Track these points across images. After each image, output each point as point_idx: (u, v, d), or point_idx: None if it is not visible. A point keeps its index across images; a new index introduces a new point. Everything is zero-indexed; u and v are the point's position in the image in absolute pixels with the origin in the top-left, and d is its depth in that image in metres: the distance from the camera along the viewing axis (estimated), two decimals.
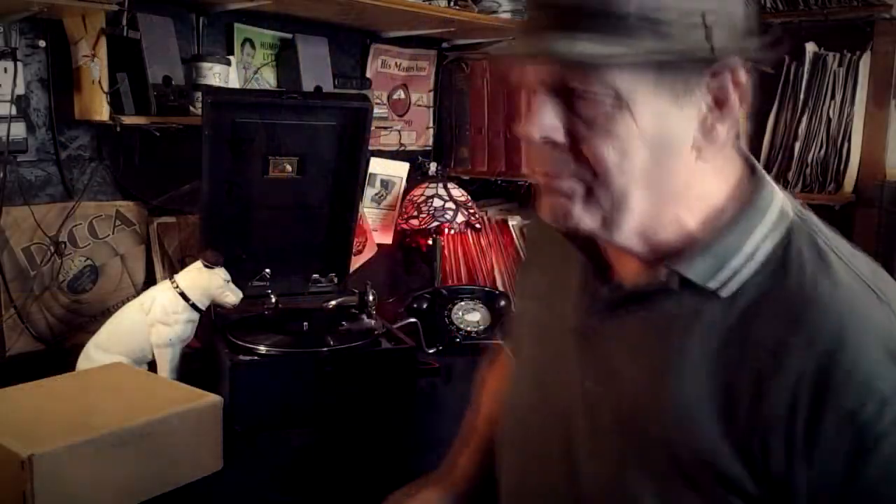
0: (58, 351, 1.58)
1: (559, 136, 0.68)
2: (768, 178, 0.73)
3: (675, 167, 0.69)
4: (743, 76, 0.67)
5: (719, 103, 0.68)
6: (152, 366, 1.44)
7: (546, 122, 0.68)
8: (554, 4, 0.66)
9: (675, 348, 0.69)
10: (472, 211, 2.17)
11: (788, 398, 0.62)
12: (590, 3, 0.64)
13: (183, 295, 1.42)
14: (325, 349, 1.39)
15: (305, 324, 1.51)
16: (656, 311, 0.72)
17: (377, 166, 2.21)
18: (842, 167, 1.78)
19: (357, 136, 1.64)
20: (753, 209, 0.70)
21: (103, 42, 1.50)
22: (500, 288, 2.21)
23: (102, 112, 1.53)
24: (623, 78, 0.64)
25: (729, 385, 0.66)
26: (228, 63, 1.73)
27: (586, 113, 0.66)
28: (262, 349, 1.38)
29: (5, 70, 1.45)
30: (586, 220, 0.70)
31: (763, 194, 0.71)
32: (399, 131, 2.27)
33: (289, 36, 1.92)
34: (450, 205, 2.13)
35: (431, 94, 2.39)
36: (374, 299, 1.58)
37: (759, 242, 0.69)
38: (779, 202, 0.71)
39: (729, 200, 0.71)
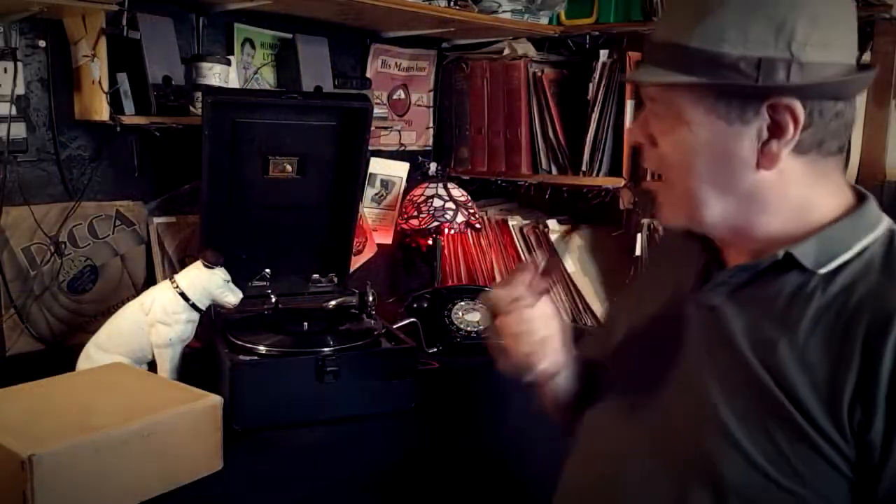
0: (58, 351, 1.58)
1: (642, 140, 0.92)
2: (875, 204, 0.90)
3: (739, 178, 0.86)
4: (800, 111, 0.82)
5: (777, 130, 0.83)
6: (152, 366, 1.44)
7: (636, 129, 0.93)
8: (652, 43, 0.88)
9: (781, 318, 0.84)
10: (472, 211, 2.17)
11: (888, 372, 0.76)
12: (666, 40, 0.85)
13: (183, 295, 1.42)
14: (325, 349, 1.39)
15: (305, 324, 1.51)
16: (767, 288, 0.87)
17: (377, 166, 2.21)
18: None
19: (357, 136, 1.64)
20: (864, 221, 0.87)
21: (103, 42, 1.50)
22: None
23: (102, 112, 1.53)
24: (685, 101, 0.85)
25: (822, 351, 0.80)
26: (228, 63, 1.73)
27: (657, 126, 0.89)
28: (262, 349, 1.38)
29: (5, 70, 1.45)
30: (669, 215, 0.93)
31: (869, 211, 0.88)
32: (399, 131, 2.26)
33: (289, 36, 1.92)
34: (450, 205, 2.13)
35: (431, 94, 2.39)
36: (374, 299, 1.58)
37: (869, 244, 0.85)
38: (887, 222, 0.88)
39: (842, 213, 0.88)
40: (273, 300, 1.56)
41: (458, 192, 2.17)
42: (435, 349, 1.78)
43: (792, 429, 0.80)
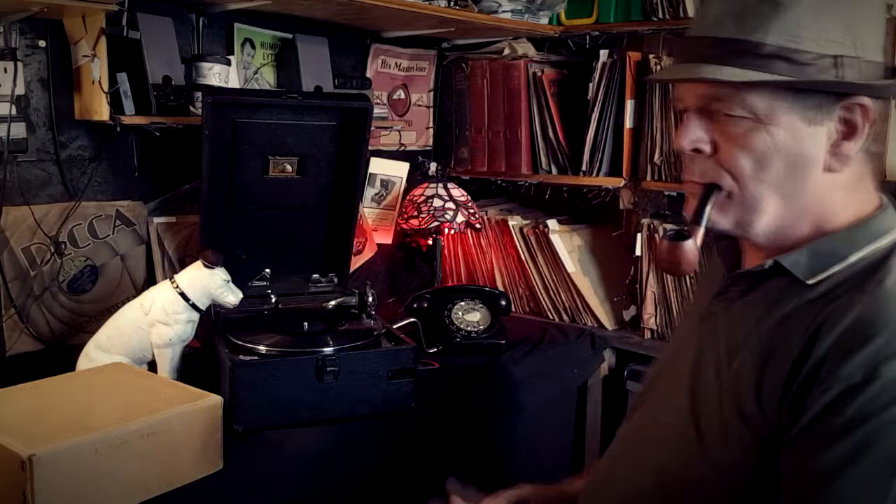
0: (58, 351, 1.58)
1: (706, 147, 0.86)
2: (892, 211, 0.88)
3: (808, 181, 0.84)
4: (872, 110, 0.82)
5: (849, 130, 0.83)
6: (152, 366, 1.44)
7: (695, 135, 0.86)
8: (710, 40, 0.83)
9: (755, 322, 0.84)
10: (472, 211, 2.17)
11: (818, 356, 0.75)
12: (737, 40, 0.81)
13: (183, 295, 1.42)
14: (325, 349, 1.39)
15: (305, 324, 1.51)
16: (755, 295, 0.88)
17: (377, 166, 2.21)
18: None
19: (357, 136, 1.64)
20: (867, 231, 0.85)
21: (103, 42, 1.50)
22: (500, 288, 2.22)
23: (102, 112, 1.53)
24: (762, 101, 0.81)
25: (776, 345, 0.80)
26: (228, 63, 1.73)
27: (729, 130, 0.84)
28: (262, 349, 1.38)
29: (5, 70, 1.45)
30: (721, 220, 0.87)
31: (883, 221, 0.86)
32: (399, 131, 2.26)
33: (289, 36, 1.92)
34: (450, 205, 2.13)
35: (431, 94, 2.39)
36: (373, 299, 1.58)
37: (867, 254, 0.83)
38: None
39: (853, 223, 0.86)
40: (273, 300, 1.56)
41: (458, 192, 2.17)
42: (435, 349, 1.78)
43: (743, 431, 0.81)
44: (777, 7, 0.80)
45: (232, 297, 1.45)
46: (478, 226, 2.22)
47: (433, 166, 2.30)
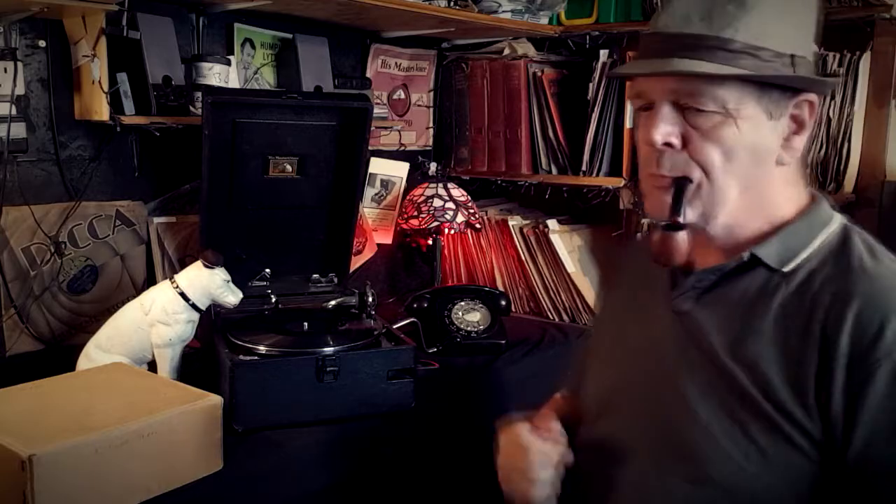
0: (58, 351, 1.58)
1: (677, 140, 0.88)
2: (827, 204, 0.95)
3: (765, 173, 0.90)
4: (817, 105, 0.89)
5: (798, 125, 0.90)
6: (152, 366, 1.44)
7: (667, 129, 0.88)
8: (679, 36, 0.86)
9: (748, 315, 0.89)
10: (472, 211, 2.17)
11: (846, 348, 0.81)
12: (707, 37, 0.85)
13: (183, 295, 1.41)
14: (325, 349, 1.39)
15: (305, 324, 1.51)
16: (733, 289, 0.91)
17: (377, 166, 2.21)
18: (842, 167, 1.78)
19: (357, 136, 1.64)
20: (818, 219, 0.92)
21: (103, 42, 1.50)
22: (500, 288, 2.22)
23: (102, 112, 1.53)
24: (731, 95, 0.85)
25: (788, 339, 0.85)
26: (228, 63, 1.73)
27: (700, 123, 0.87)
28: (262, 349, 1.38)
29: (5, 70, 1.45)
30: (688, 212, 0.90)
31: (824, 210, 0.94)
32: (399, 131, 2.26)
33: (289, 36, 1.92)
34: (450, 205, 2.13)
35: (431, 94, 2.39)
36: (373, 299, 1.58)
37: (825, 239, 0.90)
38: (839, 217, 0.94)
39: (797, 214, 0.93)
40: (273, 300, 1.56)
41: (458, 192, 2.17)
42: (435, 349, 1.78)
43: (765, 420, 0.85)
44: (744, 6, 0.85)
45: (232, 297, 1.45)
46: (478, 226, 2.22)
47: (433, 166, 2.30)
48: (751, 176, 0.89)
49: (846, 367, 0.82)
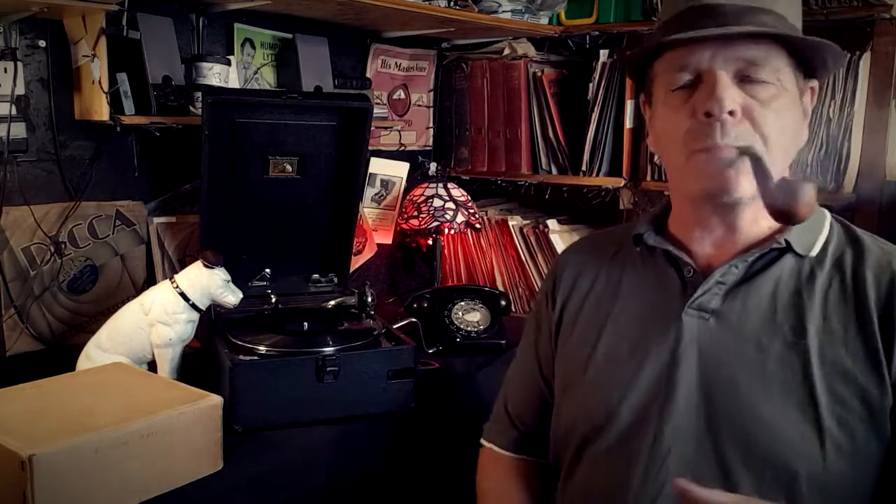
0: (58, 351, 1.58)
1: (739, 110, 0.86)
2: None
3: (794, 153, 0.93)
4: (816, 87, 0.93)
5: (804, 113, 0.93)
6: (152, 366, 1.44)
7: (730, 98, 0.85)
8: (725, 5, 0.87)
9: (794, 303, 0.88)
10: (472, 211, 2.17)
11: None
12: (753, 8, 0.86)
13: (183, 295, 1.42)
14: (325, 349, 1.39)
15: (305, 324, 1.51)
16: (764, 280, 0.91)
17: (377, 166, 2.21)
18: (842, 167, 1.78)
19: (357, 136, 1.64)
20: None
21: (103, 42, 1.50)
22: (500, 288, 2.22)
23: (102, 112, 1.53)
24: (784, 68, 0.88)
25: (845, 320, 0.87)
26: (228, 63, 1.73)
27: (759, 93, 0.87)
28: (262, 349, 1.38)
29: (5, 70, 1.45)
30: (745, 185, 0.87)
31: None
32: (399, 131, 2.26)
33: (289, 36, 1.92)
34: (450, 205, 2.13)
35: (431, 94, 2.39)
36: (373, 299, 1.58)
37: (830, 225, 0.94)
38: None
39: None
40: (273, 300, 1.56)
41: (458, 192, 2.18)
42: (435, 349, 1.78)
43: (840, 406, 0.84)
44: None
45: (232, 297, 1.45)
46: (478, 226, 2.22)
47: (433, 166, 2.30)
48: (791, 153, 0.92)
49: None
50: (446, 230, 2.16)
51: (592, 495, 0.97)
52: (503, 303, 1.94)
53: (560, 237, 2.13)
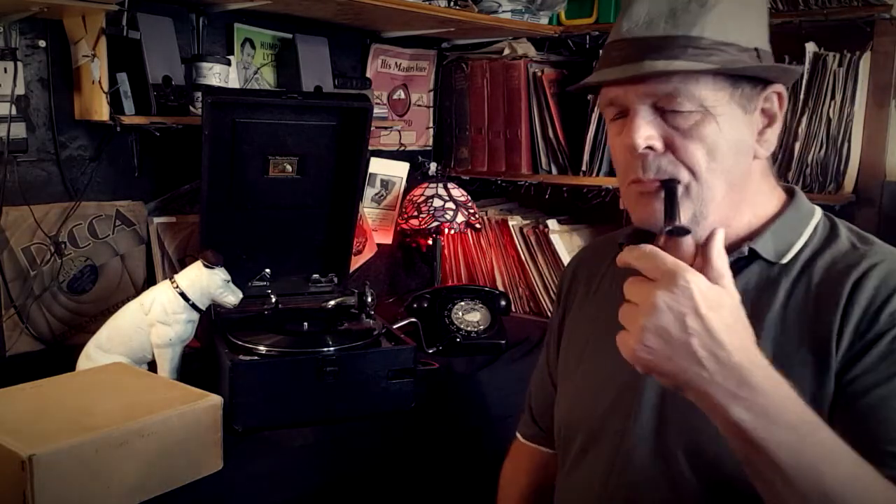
0: (58, 351, 1.58)
1: (659, 143, 0.86)
2: (804, 196, 0.97)
3: (746, 168, 0.90)
4: (785, 96, 0.90)
5: (769, 118, 0.91)
6: (152, 366, 1.44)
7: (648, 132, 0.85)
8: (646, 39, 0.86)
9: (755, 309, 0.86)
10: (472, 211, 2.17)
11: (860, 312, 0.83)
12: (675, 37, 0.84)
13: (183, 295, 1.42)
14: (325, 349, 1.39)
15: (305, 324, 1.51)
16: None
17: (377, 166, 2.21)
18: (842, 167, 1.78)
19: (357, 136, 1.64)
20: (804, 210, 0.95)
21: (103, 42, 1.50)
22: (500, 288, 2.22)
23: (102, 112, 1.53)
24: (708, 92, 0.85)
25: (801, 324, 0.86)
26: (228, 63, 1.73)
27: (680, 124, 0.86)
28: (262, 349, 1.38)
29: (5, 70, 1.45)
30: (681, 215, 0.86)
31: (806, 201, 0.96)
32: (399, 131, 2.26)
33: (289, 36, 1.92)
34: (450, 205, 2.13)
35: (431, 94, 2.39)
36: (373, 299, 1.58)
37: (814, 229, 0.93)
38: (819, 209, 0.96)
39: (782, 206, 0.95)
40: (273, 300, 1.56)
41: (458, 192, 2.18)
42: (435, 349, 1.78)
43: None
44: (705, 5, 0.85)
45: (232, 297, 1.45)
46: (478, 226, 2.22)
47: (433, 166, 2.30)
48: (735, 172, 0.88)
49: (857, 325, 0.83)
50: (446, 230, 2.16)
51: (574, 492, 1.03)
52: (503, 303, 1.94)
53: (560, 237, 2.13)
